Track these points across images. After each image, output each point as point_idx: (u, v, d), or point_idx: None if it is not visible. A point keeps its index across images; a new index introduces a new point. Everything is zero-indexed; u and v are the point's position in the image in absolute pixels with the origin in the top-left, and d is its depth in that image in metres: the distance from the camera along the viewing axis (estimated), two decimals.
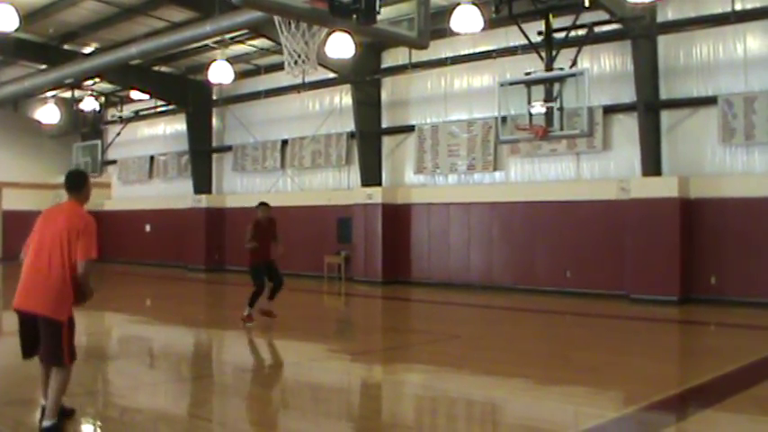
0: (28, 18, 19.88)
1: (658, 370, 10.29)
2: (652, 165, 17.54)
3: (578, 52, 16.00)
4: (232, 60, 22.90)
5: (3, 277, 28.47)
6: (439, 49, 20.27)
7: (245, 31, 20.83)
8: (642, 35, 17.26)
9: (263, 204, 14.64)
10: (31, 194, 34.56)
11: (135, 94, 29.76)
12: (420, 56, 20.50)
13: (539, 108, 15.17)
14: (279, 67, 20.12)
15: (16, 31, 17.72)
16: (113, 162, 34.00)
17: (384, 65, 23.20)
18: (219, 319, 17.18)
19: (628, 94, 18.05)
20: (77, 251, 6.59)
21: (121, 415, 7.79)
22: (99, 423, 7.45)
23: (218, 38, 20.91)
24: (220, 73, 21.26)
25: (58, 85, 26.18)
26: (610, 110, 18.63)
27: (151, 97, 29.07)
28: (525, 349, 11.99)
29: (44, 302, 6.59)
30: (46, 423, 6.56)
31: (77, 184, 7.00)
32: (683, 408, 8.36)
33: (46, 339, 6.63)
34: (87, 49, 24.58)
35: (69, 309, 6.67)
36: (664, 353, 12.12)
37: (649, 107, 17.57)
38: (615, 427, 7.39)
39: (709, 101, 17.15)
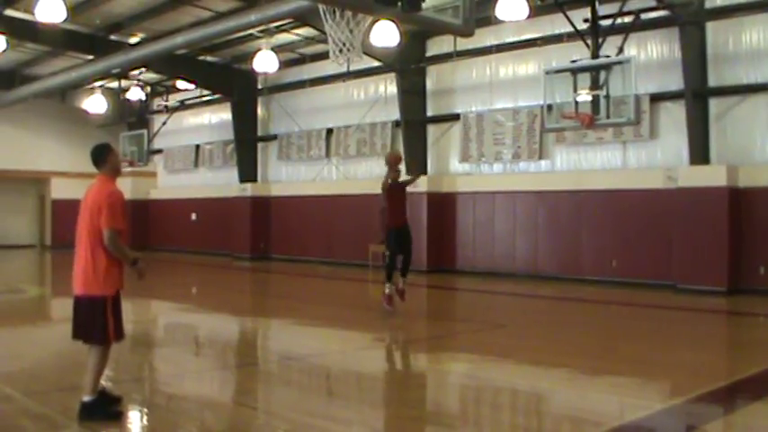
0: (75, 9, 20.10)
1: (706, 361, 10.17)
2: (700, 153, 17.31)
3: (625, 39, 15.84)
4: (277, 49, 22.99)
5: (52, 265, 28.92)
6: (484, 37, 20.15)
7: (290, 20, 20.91)
8: (690, 21, 17.02)
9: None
10: (79, 183, 34.58)
11: (181, 84, 29.98)
12: (465, 44, 20.45)
13: (585, 96, 15.04)
14: (324, 55, 20.18)
15: (64, 22, 17.95)
16: (159, 151, 34.30)
17: (429, 53, 23.15)
18: (265, 307, 17.29)
19: (675, 82, 17.83)
20: (101, 223, 6.69)
21: (168, 402, 7.87)
22: (146, 410, 7.52)
23: (263, 27, 21.03)
24: (265, 62, 21.34)
25: (104, 75, 26.51)
26: (657, 98, 18.41)
27: (197, 87, 29.29)
28: (570, 339, 11.92)
29: (83, 282, 6.84)
30: (84, 398, 6.74)
31: (98, 157, 7.03)
32: (732, 400, 8.26)
33: (83, 317, 6.84)
34: (133, 40, 24.81)
35: (109, 286, 6.77)
36: (711, 344, 11.99)
37: (697, 95, 17.33)
38: (662, 418, 7.32)
39: (759, 88, 16.87)
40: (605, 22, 16.03)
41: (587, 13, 16.10)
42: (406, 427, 7.22)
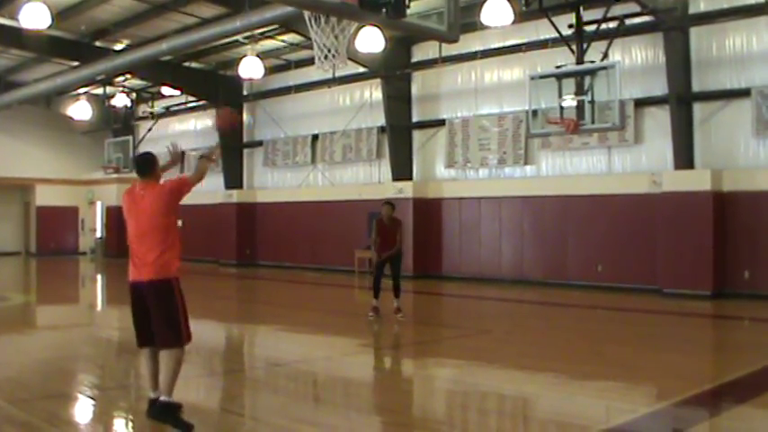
0: (60, 15, 20.07)
1: (691, 365, 10.21)
2: (684, 158, 17.39)
3: (609, 45, 15.92)
4: (262, 56, 22.97)
5: (37, 272, 28.80)
6: (469, 43, 20.22)
7: (275, 26, 20.90)
8: (674, 27, 17.11)
9: (387, 203, 14.38)
10: (64, 190, 35.00)
11: (166, 90, 29.92)
12: (450, 50, 20.49)
13: (570, 101, 15.12)
14: (309, 61, 20.25)
15: (49, 28, 17.88)
16: None
17: (414, 59, 23.20)
18: (251, 313, 17.26)
19: (659, 87, 17.92)
20: (186, 185, 6.96)
21: None
22: (131, 417, 7.50)
23: (248, 33, 21.00)
24: (251, 68, 21.32)
25: (89, 81, 26.42)
26: (641, 103, 18.50)
27: (182, 93, 29.26)
28: (556, 344, 11.95)
29: (155, 268, 6.76)
30: (163, 398, 6.69)
31: (148, 167, 7.07)
32: (717, 403, 8.29)
33: (161, 312, 6.77)
34: (118, 46, 24.78)
35: (178, 270, 6.88)
36: (696, 348, 12.02)
37: (681, 100, 17.42)
38: (647, 422, 7.34)
39: (743, 93, 16.97)
40: (590, 28, 16.10)
41: (572, 18, 16.17)
42: None
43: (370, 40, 16.33)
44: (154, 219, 6.81)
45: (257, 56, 21.81)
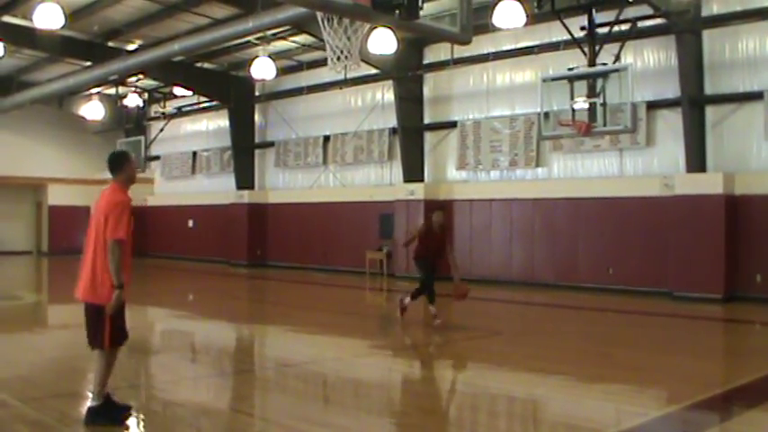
0: (73, 16, 20.09)
1: (702, 369, 10.18)
2: (696, 161, 17.33)
3: (621, 47, 15.88)
4: (274, 56, 22.98)
5: (49, 271, 28.88)
6: (481, 45, 20.17)
7: (288, 27, 20.89)
8: (687, 30, 17.06)
9: (439, 209, 14.32)
10: (76, 190, 35.00)
11: (178, 91, 29.95)
12: (462, 51, 20.48)
13: (581, 104, 15.07)
14: (321, 63, 20.25)
15: (62, 28, 17.95)
16: (157, 158, 34.29)
17: (426, 60, 23.17)
18: (261, 314, 17.28)
19: (672, 90, 17.86)
20: (107, 233, 6.68)
21: (164, 408, 7.87)
22: (142, 416, 7.50)
23: (260, 34, 21.01)
24: (263, 69, 21.34)
25: (102, 81, 26.43)
26: (653, 105, 18.45)
27: (194, 93, 29.29)
28: (567, 346, 11.93)
29: (86, 288, 6.81)
30: (90, 403, 6.82)
31: (114, 165, 7.07)
32: (728, 408, 8.27)
33: (88, 323, 6.86)
34: (131, 46, 24.82)
35: (109, 295, 6.74)
36: (708, 351, 11.99)
37: (694, 102, 17.36)
38: (658, 426, 7.32)
39: (755, 96, 16.90)
40: (602, 30, 16.06)
41: (584, 20, 16.12)
42: None
43: (383, 41, 16.33)
44: (99, 228, 6.78)
45: (269, 57, 21.83)
